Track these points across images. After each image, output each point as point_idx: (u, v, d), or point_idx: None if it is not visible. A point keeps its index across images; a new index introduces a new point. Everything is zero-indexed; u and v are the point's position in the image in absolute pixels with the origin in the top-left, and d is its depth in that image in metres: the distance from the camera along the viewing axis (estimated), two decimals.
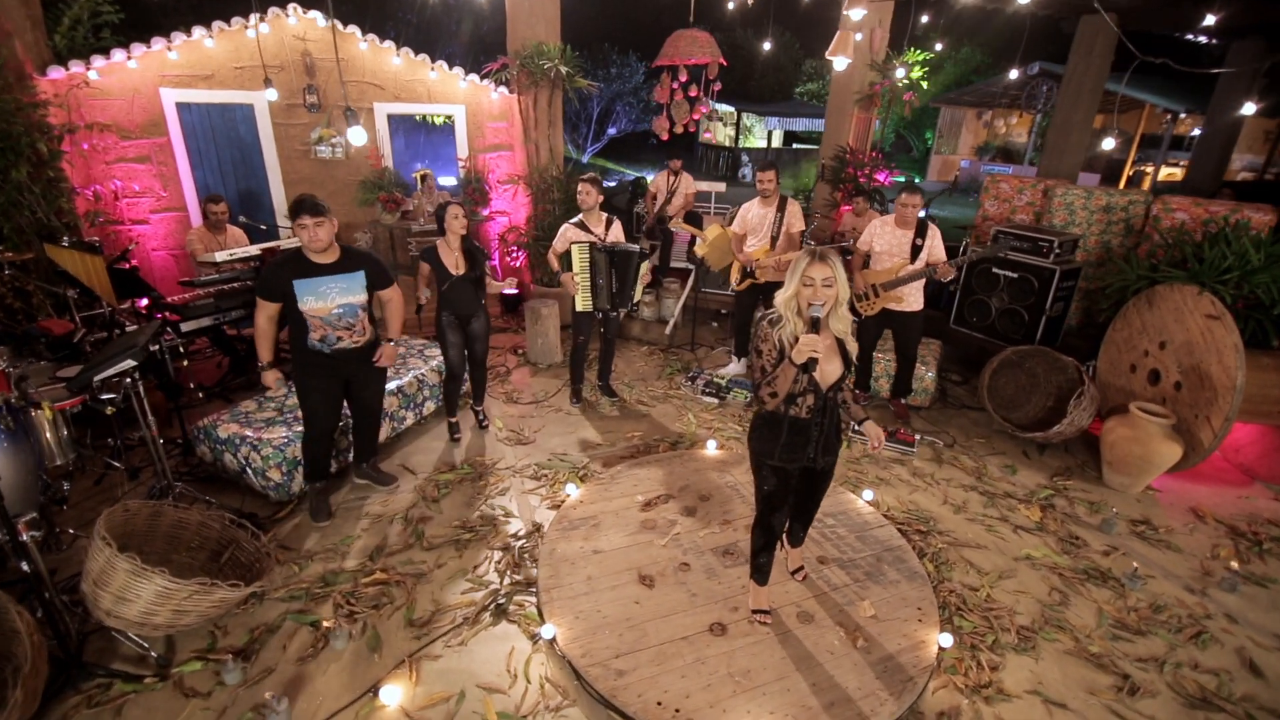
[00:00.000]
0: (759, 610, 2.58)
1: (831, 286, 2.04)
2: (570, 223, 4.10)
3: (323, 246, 2.81)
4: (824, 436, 2.26)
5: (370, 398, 3.27)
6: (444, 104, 5.52)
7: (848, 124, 7.15)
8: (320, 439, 3.12)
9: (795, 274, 2.06)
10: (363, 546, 3.05)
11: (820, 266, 2.03)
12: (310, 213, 2.73)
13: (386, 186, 5.27)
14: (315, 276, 2.83)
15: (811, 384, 2.13)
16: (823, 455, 2.30)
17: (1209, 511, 3.59)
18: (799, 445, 2.24)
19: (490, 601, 2.72)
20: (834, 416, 2.29)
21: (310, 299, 2.83)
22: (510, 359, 5.27)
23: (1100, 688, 2.45)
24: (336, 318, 2.91)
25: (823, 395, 2.17)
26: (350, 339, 2.99)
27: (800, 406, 2.18)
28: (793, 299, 2.09)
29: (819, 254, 2.04)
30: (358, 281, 2.96)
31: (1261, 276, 3.60)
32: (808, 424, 2.21)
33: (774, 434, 2.25)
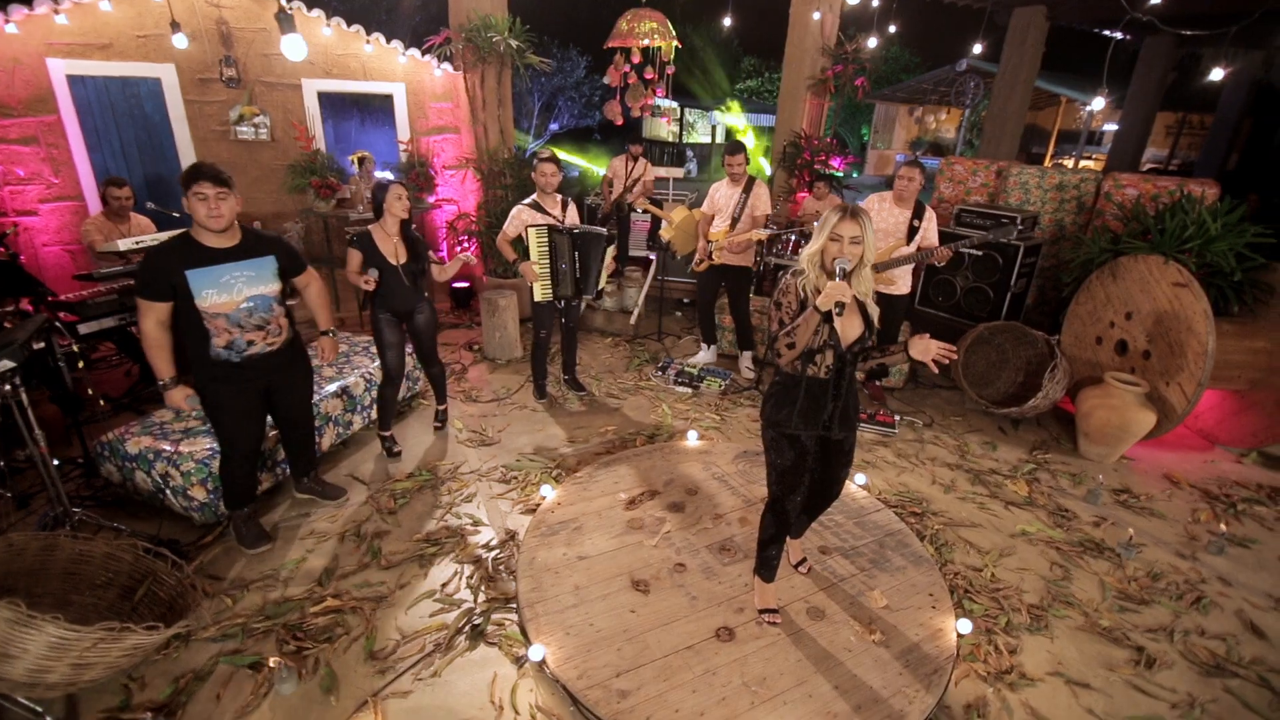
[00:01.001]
0: (767, 610, 2.37)
1: (859, 245, 1.94)
2: (523, 204, 3.75)
3: (224, 225, 2.33)
4: (841, 403, 2.14)
5: (295, 406, 2.82)
6: (381, 81, 5.07)
7: (801, 109, 7.09)
8: (241, 462, 2.64)
9: (823, 230, 1.96)
10: (309, 570, 2.65)
11: (850, 224, 1.92)
12: (211, 179, 2.26)
13: (319, 171, 4.79)
14: (214, 264, 2.34)
15: (832, 338, 2.02)
16: (840, 425, 2.16)
17: (1181, 477, 3.64)
18: (816, 410, 2.12)
19: (465, 623, 2.39)
20: (852, 386, 2.18)
21: (211, 292, 2.34)
22: (465, 355, 4.89)
23: (1118, 663, 2.36)
24: (246, 314, 2.45)
25: (842, 354, 2.06)
26: (264, 341, 2.54)
27: (819, 365, 2.08)
28: (817, 254, 1.99)
29: (850, 210, 1.92)
30: (268, 268, 2.50)
31: (1220, 244, 3.67)
32: (825, 385, 2.10)
33: (790, 397, 2.12)
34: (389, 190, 3.15)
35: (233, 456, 2.61)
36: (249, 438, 2.64)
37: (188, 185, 2.26)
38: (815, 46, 6.80)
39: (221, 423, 2.55)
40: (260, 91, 4.71)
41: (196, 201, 2.27)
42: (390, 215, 3.17)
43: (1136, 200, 4.39)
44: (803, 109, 7.09)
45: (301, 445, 2.98)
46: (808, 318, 1.96)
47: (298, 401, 2.82)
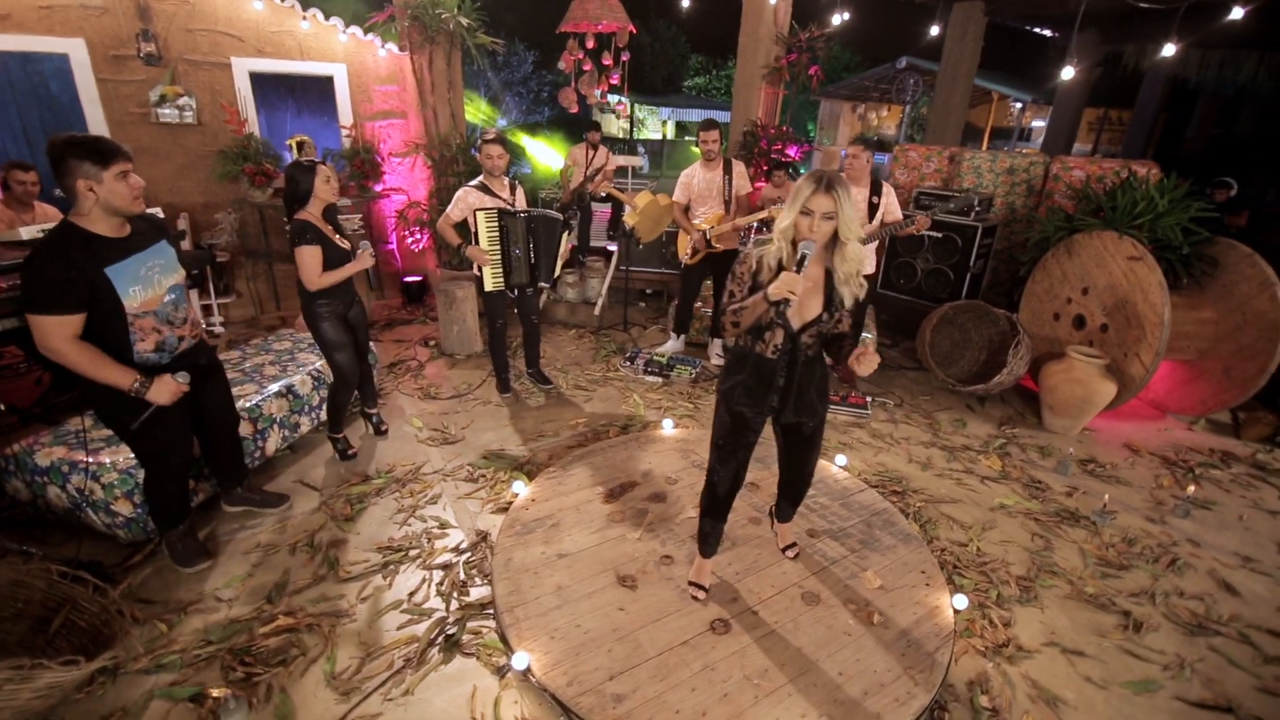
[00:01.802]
0: (694, 583, 2.32)
1: (832, 220, 1.77)
2: (469, 185, 3.50)
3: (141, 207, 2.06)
4: (794, 387, 1.99)
5: (222, 405, 2.53)
6: (320, 62, 4.73)
7: (756, 98, 7.07)
8: (177, 475, 2.35)
9: (795, 202, 1.79)
10: (256, 587, 2.39)
11: (823, 197, 1.75)
12: (126, 156, 1.97)
13: (253, 157, 4.42)
14: (128, 255, 2.03)
15: (780, 317, 1.86)
16: (793, 410, 2.03)
17: (1140, 445, 3.74)
18: (762, 389, 2.00)
19: (437, 634, 2.18)
20: (813, 370, 2.02)
21: (136, 289, 2.03)
22: (421, 352, 4.62)
23: (1107, 629, 2.36)
24: (172, 308, 2.18)
25: (792, 334, 1.92)
26: (191, 335, 2.29)
27: (767, 344, 1.95)
28: (789, 229, 1.83)
29: (826, 181, 1.75)
30: (170, 253, 2.22)
31: (1168, 219, 3.79)
32: (773, 365, 1.97)
33: (738, 370, 2.02)
34: (316, 172, 2.78)
35: (166, 472, 2.30)
36: (185, 447, 2.36)
37: (105, 163, 1.91)
38: (769, 35, 6.79)
39: (155, 437, 2.21)
40: (184, 71, 4.32)
41: (117, 181, 1.94)
42: (318, 200, 2.83)
43: (1086, 180, 4.52)
44: (758, 98, 7.06)
45: (232, 450, 2.68)
46: (756, 301, 1.82)
47: (221, 405, 2.53)
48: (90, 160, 1.88)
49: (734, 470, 2.12)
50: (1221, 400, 3.89)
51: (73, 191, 1.90)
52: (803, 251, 1.76)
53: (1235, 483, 3.41)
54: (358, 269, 2.92)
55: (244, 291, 4.83)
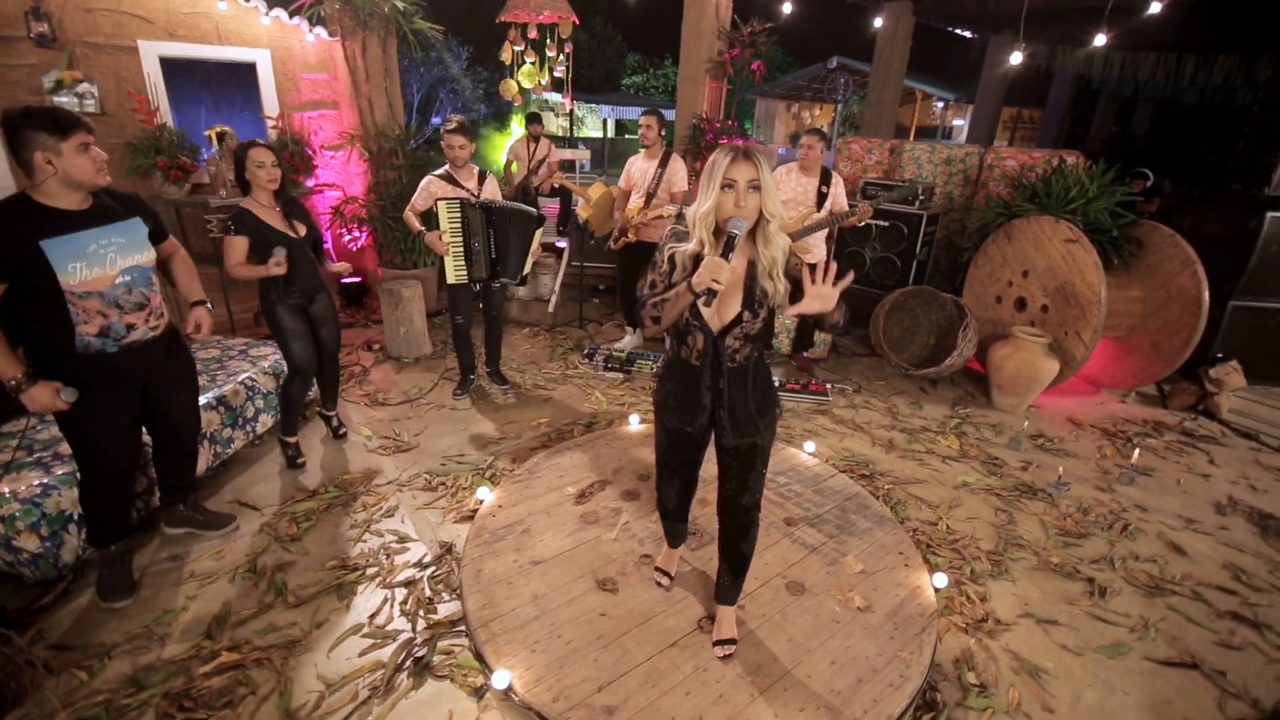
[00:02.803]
0: (660, 569, 2.30)
1: (758, 191, 1.52)
2: (434, 174, 3.37)
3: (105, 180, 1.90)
4: (726, 400, 1.73)
5: (181, 409, 2.34)
6: (240, 47, 4.36)
7: (701, 92, 7.07)
8: (114, 482, 2.14)
9: (713, 176, 1.53)
10: (192, 621, 2.14)
11: (744, 165, 1.50)
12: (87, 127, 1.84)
13: (167, 149, 4.02)
14: (75, 230, 1.86)
15: (695, 319, 1.65)
16: (731, 429, 1.75)
17: (1082, 419, 3.93)
18: (688, 400, 1.76)
19: (405, 657, 2.01)
20: (745, 379, 1.73)
21: (78, 265, 1.86)
22: (365, 356, 4.34)
23: (1075, 596, 2.43)
24: (124, 291, 1.98)
25: (713, 339, 1.67)
26: (147, 325, 2.07)
27: (690, 349, 1.72)
28: (710, 213, 1.55)
29: (743, 150, 1.51)
30: (139, 233, 2.04)
31: (1099, 203, 3.99)
32: (698, 374, 1.73)
33: (669, 377, 1.83)
34: (250, 154, 2.62)
35: (102, 479, 2.10)
36: (126, 452, 2.14)
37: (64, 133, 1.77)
38: (711, 29, 6.79)
39: (89, 437, 2.02)
40: (84, 55, 3.88)
41: (78, 154, 1.81)
42: (259, 187, 2.67)
43: (1021, 169, 4.72)
44: (702, 92, 7.06)
45: (183, 461, 2.45)
46: (679, 294, 1.55)
47: (184, 402, 2.34)
48: (47, 131, 1.76)
49: (679, 486, 2.01)
50: (1151, 373, 4.13)
51: (29, 165, 1.78)
52: (731, 232, 1.50)
53: (1169, 449, 3.62)
54: (261, 274, 2.69)
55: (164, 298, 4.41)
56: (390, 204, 4.66)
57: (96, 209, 1.93)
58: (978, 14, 10.30)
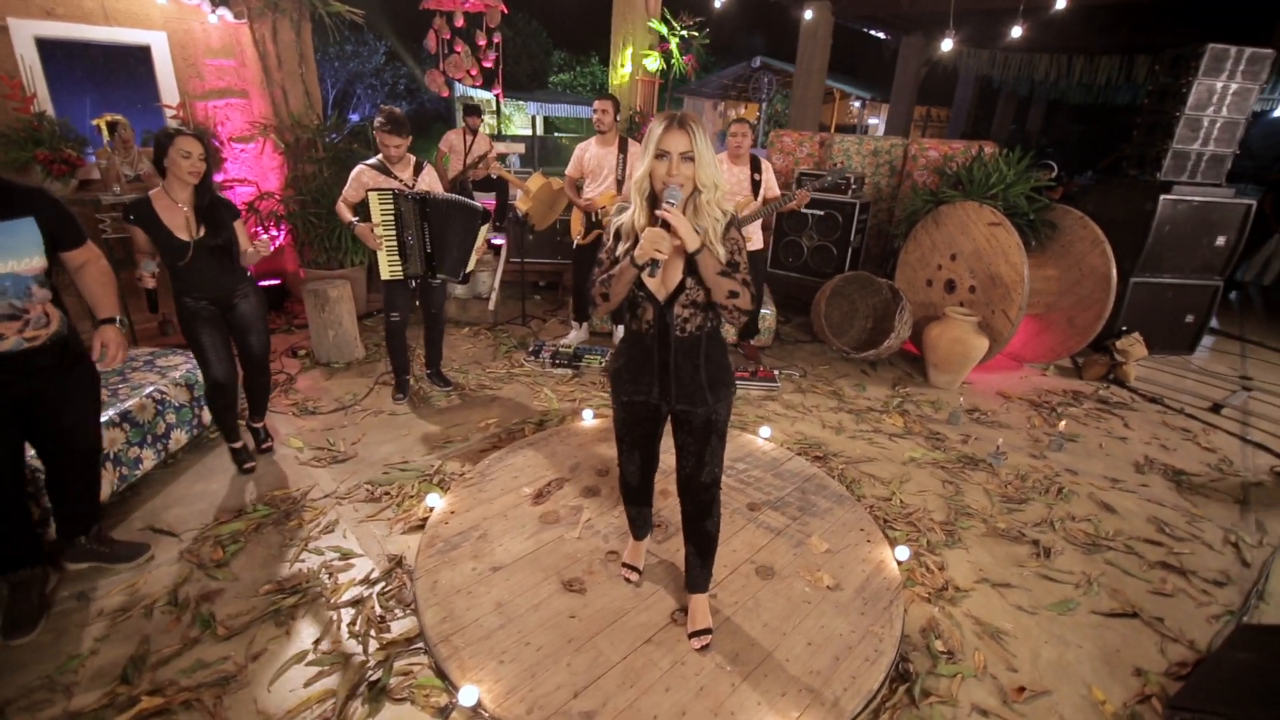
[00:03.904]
0: (628, 565, 2.22)
1: (692, 160, 1.52)
2: (366, 164, 3.15)
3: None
4: (675, 370, 1.73)
5: (70, 432, 2.04)
6: (130, 28, 3.94)
7: (634, 87, 7.04)
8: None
9: (648, 146, 1.53)
10: (105, 666, 1.88)
11: (677, 134, 1.50)
12: None
13: (48, 141, 3.57)
14: None
15: (641, 289, 1.67)
16: (676, 392, 1.74)
17: (1010, 392, 4.15)
18: (640, 371, 1.77)
19: (358, 683, 1.84)
20: (696, 349, 1.72)
21: None
22: (290, 364, 4.02)
23: (1023, 559, 2.54)
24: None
25: (660, 308, 1.68)
26: (18, 335, 1.81)
27: (639, 320, 1.74)
28: (644, 179, 1.57)
29: (677, 118, 1.51)
30: (27, 235, 1.79)
31: (1017, 188, 4.23)
32: (650, 344, 1.73)
33: (620, 351, 1.86)
34: (173, 144, 2.35)
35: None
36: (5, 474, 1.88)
37: None
38: (642, 24, 6.77)
39: None
40: None
41: None
42: (177, 179, 2.39)
43: (943, 159, 4.94)
44: (635, 87, 7.04)
45: (81, 487, 2.17)
46: (623, 268, 1.58)
47: (74, 424, 2.04)
48: None
49: (640, 461, 1.96)
50: (1068, 346, 4.42)
51: None
52: (667, 201, 1.50)
53: (1089, 416, 3.87)
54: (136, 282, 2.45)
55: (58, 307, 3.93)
56: (311, 199, 4.35)
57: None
58: (890, 16, 10.79)
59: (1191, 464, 3.34)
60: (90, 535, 2.21)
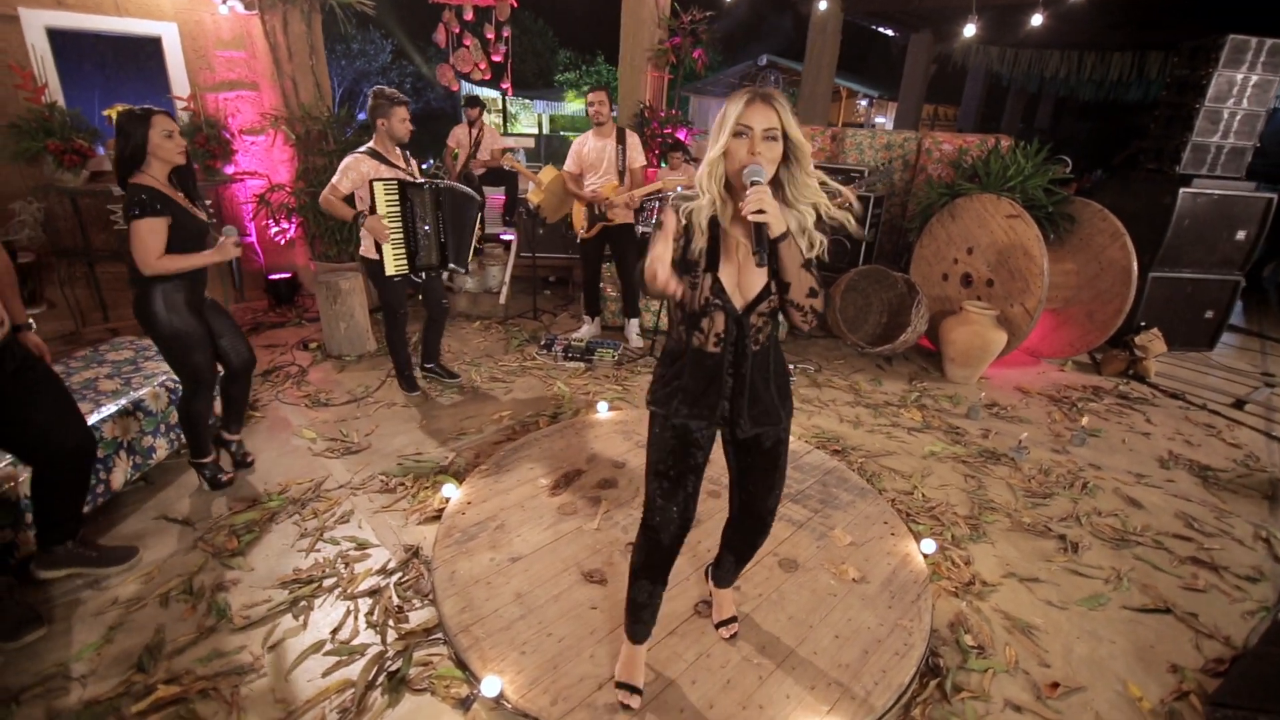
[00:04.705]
0: (624, 685, 1.69)
1: (777, 140, 1.32)
2: (359, 152, 3.04)
3: None
4: (748, 387, 1.48)
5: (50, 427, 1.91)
6: (142, 19, 3.92)
7: (643, 81, 7.00)
8: None
9: (724, 124, 1.33)
10: (120, 654, 1.85)
11: (761, 109, 1.30)
12: None
13: (59, 132, 3.55)
14: None
15: (718, 295, 1.40)
16: (749, 418, 1.50)
17: (1029, 387, 4.09)
18: (705, 393, 1.48)
19: (376, 673, 1.80)
20: (768, 362, 1.51)
21: None
22: (301, 356, 4.00)
23: (1050, 553, 2.48)
24: None
25: (737, 317, 1.42)
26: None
27: (705, 334, 1.45)
28: (718, 161, 1.35)
29: (760, 93, 1.31)
30: None
31: (1035, 181, 4.18)
32: (717, 362, 1.47)
33: (674, 372, 1.51)
34: (150, 123, 2.16)
35: None
36: None
37: None
38: (651, 18, 6.73)
39: None
40: None
41: None
42: (159, 161, 2.22)
43: (959, 151, 4.89)
44: (644, 81, 6.99)
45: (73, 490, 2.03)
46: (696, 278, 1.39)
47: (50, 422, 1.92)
48: None
49: (683, 505, 1.55)
50: (1086, 341, 4.36)
51: None
52: (749, 179, 1.29)
53: (1110, 412, 3.81)
54: (217, 260, 2.36)
55: (58, 300, 3.91)
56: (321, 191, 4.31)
57: None
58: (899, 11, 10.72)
59: (1217, 459, 3.28)
60: (76, 540, 2.10)
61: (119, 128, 2.19)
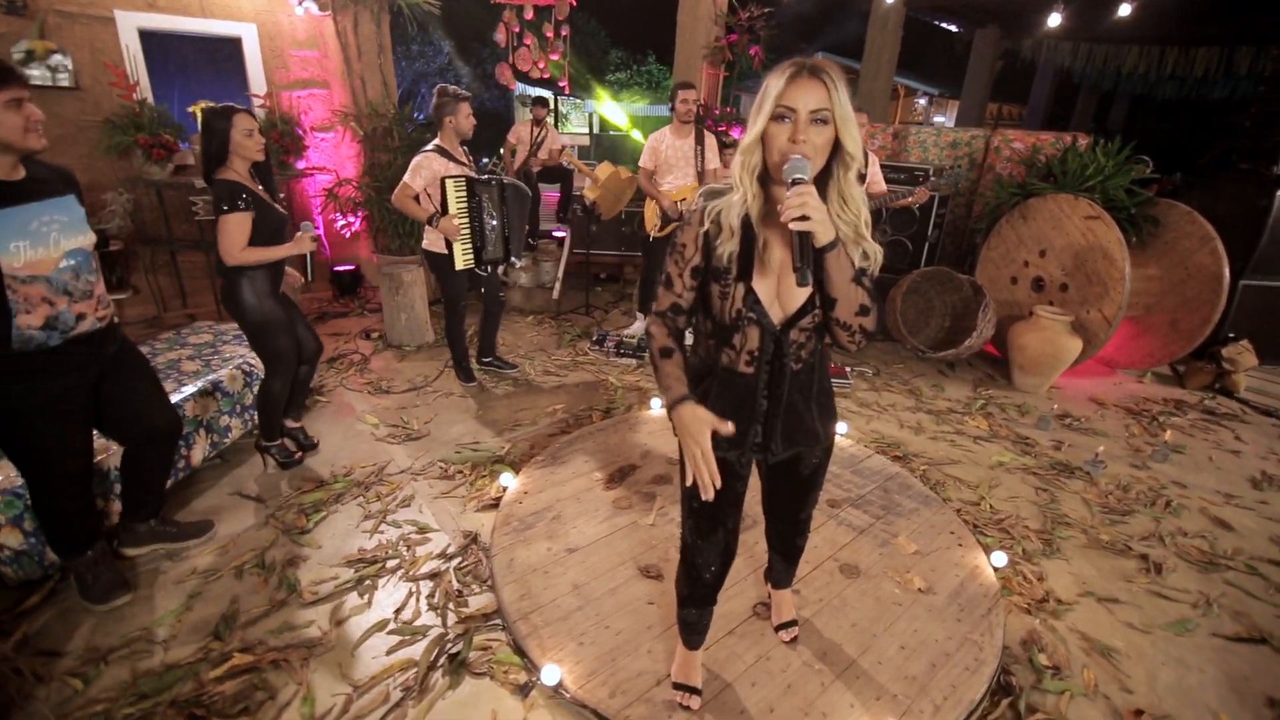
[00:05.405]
0: (682, 685, 1.64)
1: (827, 124, 1.10)
2: (427, 150, 3.10)
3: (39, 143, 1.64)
4: (783, 409, 1.33)
5: (149, 407, 2.02)
6: (225, 20, 4.13)
7: (698, 79, 6.95)
8: (72, 490, 1.87)
9: (762, 105, 1.11)
10: (197, 621, 1.94)
11: (807, 86, 1.08)
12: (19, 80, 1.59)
13: (148, 127, 3.78)
14: (14, 204, 1.61)
15: (752, 309, 1.22)
16: (782, 439, 1.35)
17: (1104, 399, 3.87)
18: (738, 418, 1.29)
19: (438, 654, 1.84)
20: (810, 380, 1.34)
21: (20, 245, 1.61)
22: (364, 345, 4.13)
23: (1132, 573, 2.34)
24: (71, 276, 1.73)
25: (775, 334, 1.25)
26: (95, 314, 1.81)
27: (736, 351, 1.28)
28: (754, 148, 1.15)
29: (808, 66, 1.10)
30: (77, 212, 1.78)
31: (1117, 180, 3.95)
32: (750, 383, 1.30)
33: (699, 396, 1.30)
34: (234, 121, 2.26)
35: (53, 484, 1.82)
36: (80, 454, 1.88)
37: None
38: (709, 14, 6.68)
39: (40, 445, 1.76)
40: (57, 24, 3.62)
41: (6, 111, 1.55)
42: (240, 157, 2.32)
43: (1032, 149, 4.67)
44: (700, 78, 6.95)
45: (157, 469, 2.14)
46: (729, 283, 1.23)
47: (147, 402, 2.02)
48: None
49: (723, 544, 1.46)
50: (1169, 352, 4.09)
51: None
52: (792, 177, 1.07)
53: (1194, 427, 3.57)
54: (295, 252, 2.46)
55: (142, 287, 4.15)
56: (387, 186, 4.45)
57: (33, 181, 1.67)
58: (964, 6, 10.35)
59: None
60: (157, 519, 2.21)
61: (205, 124, 2.31)
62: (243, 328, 2.49)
